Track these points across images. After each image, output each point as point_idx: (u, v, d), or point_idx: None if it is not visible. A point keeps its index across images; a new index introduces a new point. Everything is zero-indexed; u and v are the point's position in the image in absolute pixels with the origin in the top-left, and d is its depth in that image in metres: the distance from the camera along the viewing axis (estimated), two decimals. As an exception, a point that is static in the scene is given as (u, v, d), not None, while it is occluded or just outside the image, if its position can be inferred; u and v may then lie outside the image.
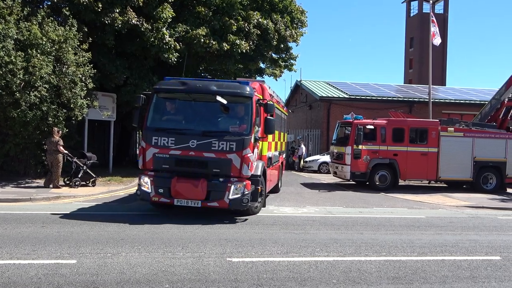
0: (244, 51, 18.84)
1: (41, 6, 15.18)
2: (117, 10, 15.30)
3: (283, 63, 24.42)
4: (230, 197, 9.28)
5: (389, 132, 17.10)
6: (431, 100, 23.86)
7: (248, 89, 9.72)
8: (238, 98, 9.62)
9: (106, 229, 8.25)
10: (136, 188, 10.01)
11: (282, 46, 22.20)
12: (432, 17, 23.30)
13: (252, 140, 9.41)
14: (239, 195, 9.26)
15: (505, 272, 6.58)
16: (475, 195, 16.49)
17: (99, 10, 14.95)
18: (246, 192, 9.30)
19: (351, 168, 16.89)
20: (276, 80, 25.89)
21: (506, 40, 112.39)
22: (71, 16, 14.40)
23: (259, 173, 9.87)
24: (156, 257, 6.48)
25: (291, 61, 24.53)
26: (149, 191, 9.44)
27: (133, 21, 15.58)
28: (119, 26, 15.34)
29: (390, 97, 29.92)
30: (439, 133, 17.20)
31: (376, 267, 6.49)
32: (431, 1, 26.12)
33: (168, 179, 9.34)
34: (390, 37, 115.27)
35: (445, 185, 19.06)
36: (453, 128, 17.44)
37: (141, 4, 15.98)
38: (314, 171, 25.37)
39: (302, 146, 27.21)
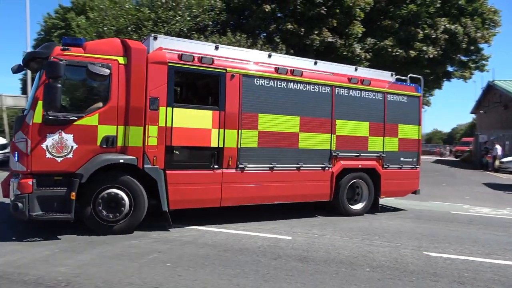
0: (431, 56, 17.03)
1: (259, 38, 16.69)
2: (316, 32, 15.76)
3: (474, 65, 21.14)
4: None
5: None
6: None
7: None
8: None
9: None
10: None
11: (472, 48, 19.26)
12: None
13: (29, 121, 5.70)
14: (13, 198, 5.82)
15: None
16: None
17: (302, 34, 15.67)
18: (18, 194, 5.62)
19: None
20: (466, 82, 22.60)
21: None
22: (281, 42, 15.43)
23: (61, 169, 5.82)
24: (355, 242, 6.28)
25: (482, 62, 21.05)
26: None
27: (328, 39, 15.79)
28: (317, 44, 15.75)
29: None
30: None
31: None
32: None
33: None
34: None
35: None
36: None
37: (335, 25, 16.09)
38: (511, 172, 21.18)
39: (497, 146, 23.08)
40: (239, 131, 7.00)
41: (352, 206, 8.42)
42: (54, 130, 5.75)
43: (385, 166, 8.57)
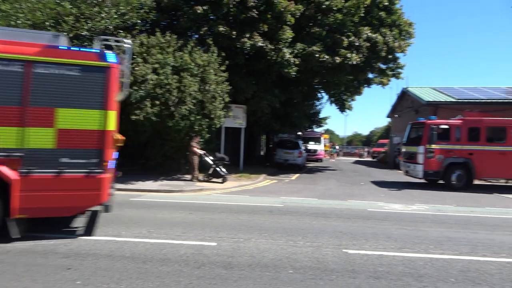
0: (355, 63, 17.99)
1: (190, 39, 16.34)
2: (247, 35, 15.81)
3: (391, 72, 22.75)
4: None
5: (464, 131, 15.02)
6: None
7: None
8: None
9: (239, 217, 8.38)
10: (262, 183, 10.04)
11: (390, 56, 20.68)
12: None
13: None
14: None
15: None
16: None
17: (234, 37, 15.63)
18: None
19: (424, 167, 15.08)
20: (384, 87, 24.26)
21: None
22: (213, 44, 15.25)
23: None
24: (280, 244, 6.34)
25: (398, 70, 22.71)
26: None
27: (259, 43, 15.93)
28: (248, 48, 15.82)
29: (500, 99, 25.94)
30: None
31: (497, 269, 5.46)
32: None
33: None
34: (498, 42, 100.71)
35: None
36: None
37: (265, 29, 16.29)
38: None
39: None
40: None
41: None
42: None
43: (24, 170, 5.76)
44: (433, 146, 14.97)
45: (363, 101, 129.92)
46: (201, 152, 14.46)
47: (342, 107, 28.12)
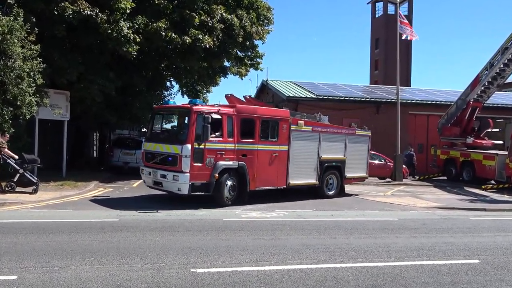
0: (208, 46, 18.29)
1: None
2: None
3: (249, 62, 24.00)
4: None
5: (237, 123, 12.50)
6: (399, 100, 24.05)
7: None
8: None
9: (55, 239, 7.57)
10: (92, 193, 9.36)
11: (248, 43, 21.76)
12: (401, 17, 23.55)
13: None
14: None
15: (486, 276, 6.41)
16: (445, 195, 16.67)
17: (49, -2, 14.08)
18: None
19: (190, 177, 11.49)
20: (242, 79, 25.46)
21: (470, 41, 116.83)
22: (16, 5, 13.44)
23: None
24: (110, 269, 5.90)
25: (257, 59, 24.12)
26: None
27: (86, 11, 14.73)
28: (70, 16, 14.47)
29: (357, 98, 30.11)
30: (290, 126, 13.74)
31: (353, 275, 6.17)
32: (398, 1, 26.55)
33: None
34: (355, 39, 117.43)
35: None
36: (303, 121, 14.36)
37: (95, -6, 15.21)
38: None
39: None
40: None
41: None
42: None
43: None
44: (203, 145, 11.66)
45: (220, 93, 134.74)
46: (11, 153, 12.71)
47: (197, 99, 28.46)
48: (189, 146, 11.52)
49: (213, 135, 11.92)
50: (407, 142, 26.43)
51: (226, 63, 23.51)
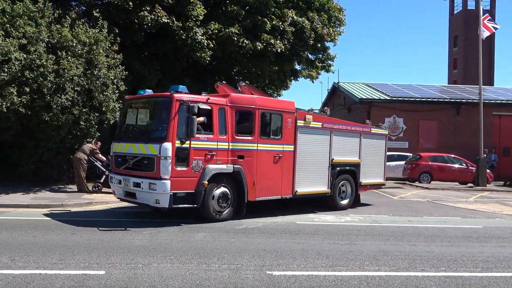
0: (279, 50, 18.43)
1: (72, 9, 15.30)
2: (147, 8, 15.26)
3: (320, 64, 23.83)
4: None
5: (231, 116, 10.05)
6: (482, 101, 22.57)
7: None
8: None
9: (137, 237, 7.97)
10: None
11: (319, 45, 21.63)
12: (482, 11, 22.15)
13: None
14: None
15: None
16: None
17: (130, 8, 14.96)
18: None
19: (172, 185, 9.01)
20: (313, 82, 25.31)
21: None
22: (102, 18, 14.44)
23: None
24: (189, 268, 6.10)
25: (329, 61, 23.90)
26: None
27: (163, 19, 15.47)
28: (149, 24, 15.28)
29: (434, 98, 28.75)
30: (296, 122, 11.36)
31: (436, 284, 5.86)
32: (479, -5, 25.00)
33: None
34: (432, 37, 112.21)
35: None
36: (311, 116, 11.88)
37: (170, 2, 15.90)
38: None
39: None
40: None
41: None
42: None
43: None
44: (187, 143, 9.20)
45: (290, 97, 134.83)
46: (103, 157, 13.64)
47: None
48: (169, 145, 9.00)
49: (202, 132, 9.55)
50: (490, 145, 24.80)
51: (297, 66, 23.52)
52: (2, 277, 5.38)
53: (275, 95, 29.71)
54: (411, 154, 24.71)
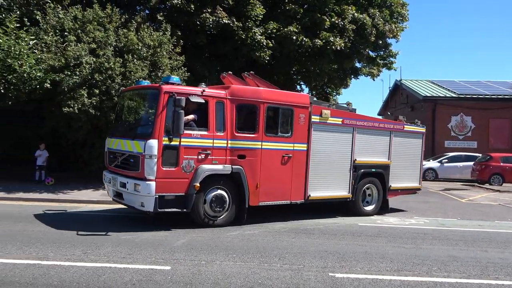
0: (338, 48, 18.12)
1: (137, 13, 15.92)
2: (208, 10, 15.58)
3: (381, 61, 23.18)
4: None
5: (231, 111, 9.05)
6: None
7: None
8: None
9: (201, 235, 8.13)
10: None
11: (380, 42, 21.04)
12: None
13: None
14: None
15: None
16: None
17: (192, 11, 15.35)
18: None
19: (157, 186, 8.19)
20: (374, 80, 24.65)
21: None
22: (165, 21, 14.91)
23: None
24: (251, 267, 6.15)
25: (391, 58, 23.18)
26: None
27: (224, 19, 15.72)
28: (210, 26, 15.59)
29: (507, 95, 27.08)
30: (310, 117, 10.19)
31: (512, 294, 5.51)
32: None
33: None
34: (503, 29, 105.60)
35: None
36: (329, 111, 10.57)
37: (231, 3, 16.13)
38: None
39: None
40: None
41: None
42: None
43: None
44: (177, 141, 8.36)
45: (350, 96, 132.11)
46: None
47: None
48: (154, 142, 8.17)
49: (195, 129, 8.69)
50: None
51: (357, 64, 23.03)
52: (76, 269, 5.69)
53: (334, 93, 29.32)
54: (480, 155, 23.47)
